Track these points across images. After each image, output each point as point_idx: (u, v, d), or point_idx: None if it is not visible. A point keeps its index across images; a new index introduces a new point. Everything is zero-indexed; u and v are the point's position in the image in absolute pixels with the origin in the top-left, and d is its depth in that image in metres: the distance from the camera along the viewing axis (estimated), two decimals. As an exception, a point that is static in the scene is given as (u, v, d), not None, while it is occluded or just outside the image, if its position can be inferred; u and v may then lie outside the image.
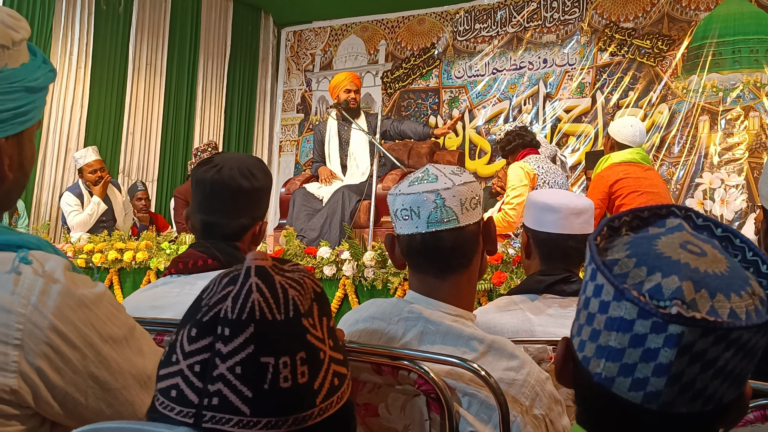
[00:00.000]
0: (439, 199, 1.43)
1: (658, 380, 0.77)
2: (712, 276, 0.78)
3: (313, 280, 0.91)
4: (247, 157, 1.91)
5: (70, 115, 7.14)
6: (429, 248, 1.46)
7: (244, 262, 0.87)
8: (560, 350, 0.90)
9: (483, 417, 1.34)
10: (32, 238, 1.12)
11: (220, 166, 1.81)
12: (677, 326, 0.74)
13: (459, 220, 1.44)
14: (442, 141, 8.16)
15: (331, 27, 9.21)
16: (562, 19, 7.82)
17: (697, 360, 0.75)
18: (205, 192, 1.82)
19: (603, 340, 0.81)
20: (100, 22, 7.44)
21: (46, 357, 1.04)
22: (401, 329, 1.47)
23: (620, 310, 0.78)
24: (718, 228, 0.88)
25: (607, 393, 0.81)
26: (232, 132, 8.96)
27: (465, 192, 1.44)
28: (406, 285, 3.78)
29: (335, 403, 0.87)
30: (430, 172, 1.47)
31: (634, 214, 0.89)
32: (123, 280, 4.82)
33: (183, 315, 0.89)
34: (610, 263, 0.82)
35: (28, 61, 1.15)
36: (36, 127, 1.20)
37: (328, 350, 0.87)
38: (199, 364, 0.82)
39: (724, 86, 6.87)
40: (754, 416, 1.17)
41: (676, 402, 0.78)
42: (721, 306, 0.76)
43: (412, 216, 1.45)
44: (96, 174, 5.91)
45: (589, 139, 7.49)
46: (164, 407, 0.83)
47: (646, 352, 0.77)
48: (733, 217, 6.60)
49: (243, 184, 1.81)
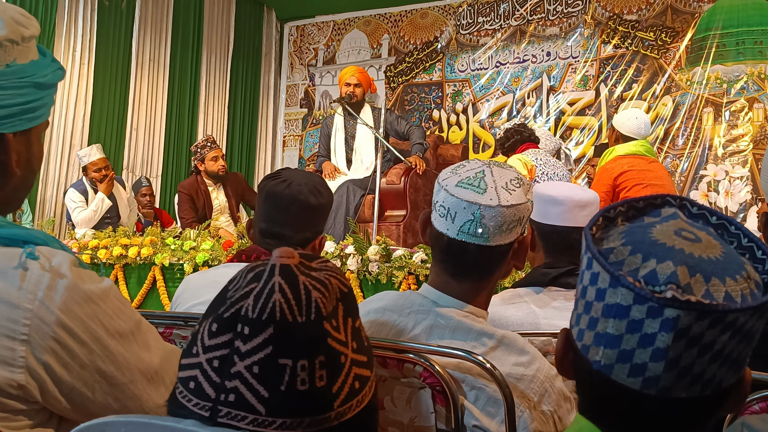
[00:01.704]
0: (477, 214, 1.38)
1: (656, 365, 0.77)
2: (707, 261, 0.78)
3: (340, 279, 0.88)
4: (312, 175, 2.07)
5: (73, 112, 7.14)
6: (453, 253, 1.44)
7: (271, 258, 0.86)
8: (560, 341, 0.91)
9: (490, 411, 1.34)
10: (39, 233, 1.12)
11: (290, 182, 1.96)
12: (673, 310, 0.75)
13: (490, 240, 1.40)
14: (446, 135, 8.16)
15: (334, 21, 9.19)
16: (566, 11, 7.80)
17: (694, 344, 0.76)
18: (275, 204, 1.97)
19: (601, 327, 0.81)
20: (103, 18, 7.43)
21: (53, 352, 1.04)
22: (411, 322, 1.47)
23: (616, 297, 0.79)
24: (713, 216, 0.88)
25: (606, 380, 0.82)
26: (236, 127, 8.96)
27: (507, 215, 1.39)
28: (411, 279, 3.78)
29: (354, 406, 0.85)
30: (484, 178, 1.41)
31: (630, 204, 0.90)
32: (128, 276, 4.83)
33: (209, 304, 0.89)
34: (605, 252, 0.83)
35: (37, 59, 1.16)
36: (44, 126, 1.20)
37: (351, 353, 0.86)
38: (218, 359, 0.81)
39: (728, 78, 6.84)
40: (759, 407, 1.17)
41: (675, 387, 0.78)
42: (717, 290, 0.76)
43: (447, 217, 1.42)
44: (101, 173, 5.92)
45: (593, 131, 7.48)
46: (183, 396, 0.83)
47: (644, 338, 0.77)
48: (737, 209, 6.59)
49: (311, 200, 1.96)
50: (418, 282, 3.75)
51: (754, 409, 1.17)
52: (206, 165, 5.96)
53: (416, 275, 3.78)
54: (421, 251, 3.85)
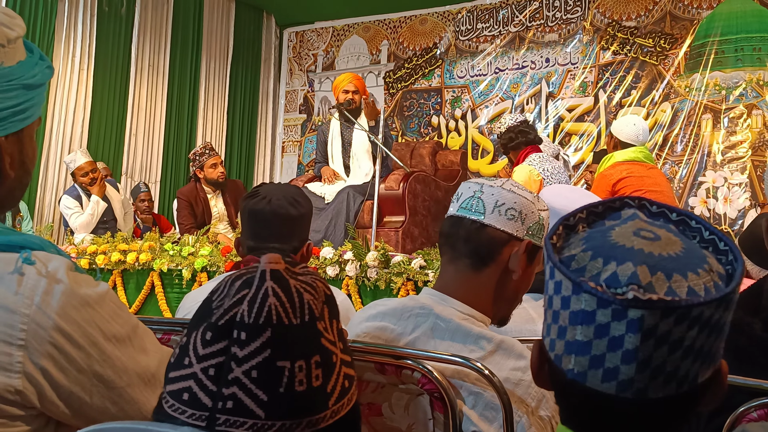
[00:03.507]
0: (479, 191, 1.49)
1: (628, 367, 0.77)
2: (668, 258, 0.78)
3: (323, 282, 0.91)
4: (288, 187, 2.18)
5: (72, 117, 7.14)
6: (450, 232, 1.52)
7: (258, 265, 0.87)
8: (534, 353, 0.91)
9: (488, 416, 1.34)
10: (35, 238, 1.12)
11: (269, 198, 2.06)
12: (636, 310, 0.75)
13: (484, 216, 1.47)
14: (445, 141, 8.17)
15: (333, 27, 9.20)
16: (565, 18, 7.82)
17: (663, 342, 0.75)
18: (258, 221, 2.07)
19: (570, 335, 0.81)
20: (103, 23, 7.44)
21: (50, 357, 1.04)
22: (411, 326, 1.47)
23: (581, 303, 0.79)
24: (673, 213, 0.88)
25: (582, 388, 0.81)
26: (235, 133, 8.96)
27: (506, 197, 1.48)
28: (409, 285, 3.78)
29: (346, 405, 0.88)
30: (506, 180, 1.54)
31: (589, 210, 0.90)
32: (126, 282, 4.82)
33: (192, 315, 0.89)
34: (566, 260, 0.83)
35: (24, 59, 1.14)
36: (36, 124, 1.19)
37: (339, 353, 0.88)
38: (214, 367, 0.82)
39: (726, 84, 6.85)
40: (758, 414, 1.17)
41: (650, 387, 0.77)
42: (679, 286, 0.76)
43: (456, 200, 1.53)
44: (88, 176, 5.81)
45: (591, 138, 7.49)
46: (174, 410, 0.83)
47: (612, 341, 0.77)
48: (736, 215, 6.59)
49: (291, 212, 2.06)
50: (417, 288, 3.75)
51: (752, 417, 1.17)
52: (206, 172, 5.94)
53: (415, 281, 3.78)
54: (420, 257, 3.85)
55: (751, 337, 1.33)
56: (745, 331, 1.31)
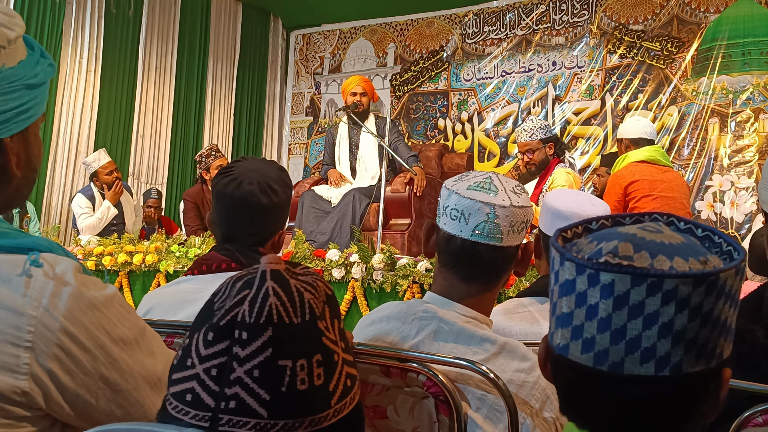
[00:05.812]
0: (492, 215, 1.44)
1: (602, 337, 0.76)
2: (659, 244, 0.78)
3: (324, 282, 0.91)
4: (267, 168, 1.86)
5: (80, 119, 7.17)
6: (466, 255, 1.48)
7: (258, 265, 0.87)
8: (541, 348, 0.91)
9: (492, 418, 1.35)
10: (43, 240, 1.12)
11: (239, 180, 1.79)
12: (607, 274, 0.75)
13: (503, 240, 1.46)
14: (451, 144, 8.17)
15: (340, 30, 9.21)
16: (571, 21, 7.81)
17: (636, 314, 0.75)
18: (225, 206, 1.82)
19: (558, 309, 0.82)
20: (110, 26, 7.46)
21: (57, 359, 1.04)
22: (415, 328, 1.48)
23: (565, 273, 0.80)
24: (699, 229, 0.88)
25: (566, 362, 0.81)
26: (242, 135, 8.98)
27: (518, 215, 1.46)
28: (415, 288, 3.78)
29: (348, 404, 0.88)
30: (492, 182, 1.48)
31: (615, 220, 0.91)
32: (132, 283, 4.83)
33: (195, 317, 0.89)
34: (569, 246, 0.84)
35: (25, 58, 1.13)
36: (40, 120, 1.19)
37: (341, 352, 0.88)
38: (216, 368, 0.82)
39: (733, 88, 6.83)
40: (763, 419, 1.17)
41: (627, 362, 0.76)
42: (661, 264, 0.76)
43: (460, 219, 1.46)
44: (112, 175, 5.90)
45: (598, 141, 7.47)
46: (177, 411, 0.84)
47: (589, 310, 0.77)
48: (743, 219, 6.57)
49: (262, 200, 1.79)
50: (423, 291, 3.74)
51: (757, 422, 1.16)
52: (212, 174, 5.95)
53: (420, 284, 3.78)
54: (426, 260, 3.85)
55: (754, 344, 1.33)
56: (747, 339, 1.31)
